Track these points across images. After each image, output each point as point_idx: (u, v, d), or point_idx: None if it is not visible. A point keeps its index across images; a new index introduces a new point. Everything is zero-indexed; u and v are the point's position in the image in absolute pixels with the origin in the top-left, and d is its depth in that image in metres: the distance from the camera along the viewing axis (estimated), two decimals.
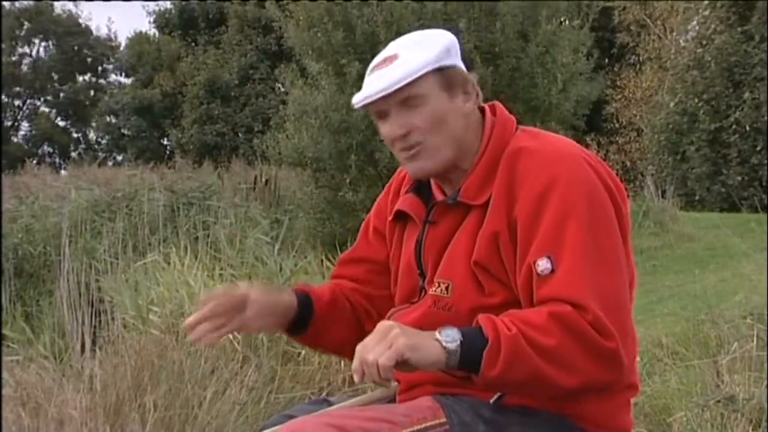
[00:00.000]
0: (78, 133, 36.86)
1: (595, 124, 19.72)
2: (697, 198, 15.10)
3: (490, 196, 1.68)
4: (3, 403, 3.61)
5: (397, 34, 1.89)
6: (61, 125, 36.67)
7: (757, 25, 14.34)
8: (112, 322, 4.42)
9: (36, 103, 37.10)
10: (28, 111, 36.73)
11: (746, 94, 14.16)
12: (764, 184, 13.92)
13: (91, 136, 36.36)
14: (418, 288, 1.79)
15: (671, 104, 15.87)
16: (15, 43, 35.74)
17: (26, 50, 36.86)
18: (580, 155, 1.70)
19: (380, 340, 1.51)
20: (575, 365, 1.55)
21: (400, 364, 1.50)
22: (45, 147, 35.93)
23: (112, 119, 31.57)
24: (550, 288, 1.58)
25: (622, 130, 20.74)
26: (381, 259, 1.90)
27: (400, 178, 1.90)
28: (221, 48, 25.21)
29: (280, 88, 21.76)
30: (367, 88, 1.70)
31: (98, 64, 36.47)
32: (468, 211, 1.72)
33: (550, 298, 1.57)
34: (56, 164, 31.88)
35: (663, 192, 12.11)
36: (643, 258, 8.58)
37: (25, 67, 36.53)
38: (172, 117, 27.09)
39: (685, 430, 3.35)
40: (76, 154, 34.04)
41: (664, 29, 20.20)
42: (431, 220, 1.78)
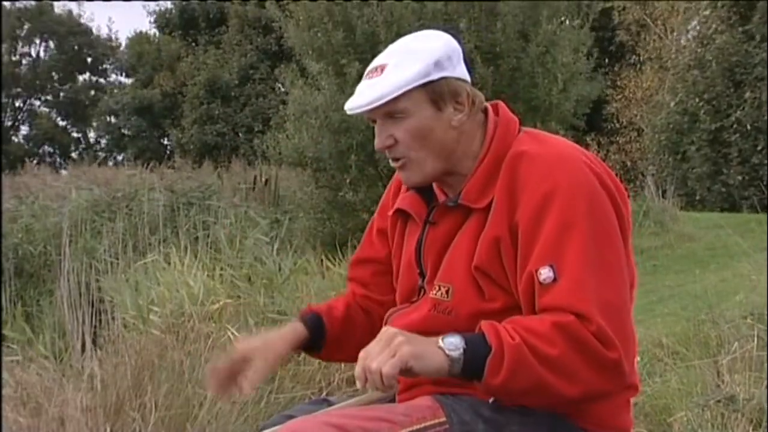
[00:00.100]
0: (78, 133, 36.87)
1: (596, 124, 19.72)
2: (697, 198, 15.10)
3: (492, 200, 1.68)
4: (3, 403, 3.61)
5: (397, 34, 1.89)
6: (61, 125, 36.69)
7: (758, 25, 14.34)
8: (113, 322, 4.42)
9: (36, 103, 37.15)
10: (28, 111, 36.75)
11: (747, 94, 14.16)
12: (765, 183, 13.90)
13: (91, 136, 36.39)
14: (417, 287, 1.80)
15: (672, 104, 15.87)
16: (15, 43, 35.75)
17: (26, 50, 36.91)
18: (581, 159, 1.69)
19: (384, 347, 1.51)
20: (578, 375, 1.55)
21: (403, 372, 1.50)
22: (45, 147, 35.93)
23: (112, 119, 31.56)
24: (553, 297, 1.58)
25: (623, 130, 20.74)
26: (383, 258, 1.92)
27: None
28: (221, 48, 25.19)
29: (280, 88, 21.75)
30: (355, 98, 1.71)
31: (98, 64, 36.50)
32: (469, 214, 1.72)
33: (553, 308, 1.57)
34: (56, 164, 31.86)
35: (663, 192, 12.10)
36: (643, 258, 8.58)
37: (25, 67, 36.54)
38: (172, 117, 27.09)
39: (686, 430, 3.35)
40: (76, 154, 34.03)
41: (665, 29, 20.21)
42: (431, 221, 1.78)
